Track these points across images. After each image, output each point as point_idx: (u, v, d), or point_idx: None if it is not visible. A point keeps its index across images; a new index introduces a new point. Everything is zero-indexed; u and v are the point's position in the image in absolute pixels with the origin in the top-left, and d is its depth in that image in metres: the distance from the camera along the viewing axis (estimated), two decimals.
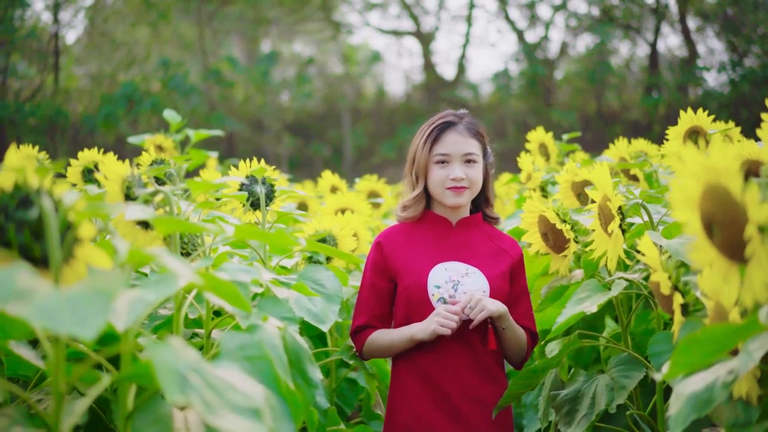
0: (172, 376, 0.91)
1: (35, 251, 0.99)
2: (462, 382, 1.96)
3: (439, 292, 1.95)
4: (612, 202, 1.81)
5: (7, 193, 1.01)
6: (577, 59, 17.01)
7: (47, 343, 0.99)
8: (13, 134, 14.17)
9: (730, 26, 14.94)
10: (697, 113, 2.48)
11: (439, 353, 1.96)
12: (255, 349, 1.23)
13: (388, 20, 19.57)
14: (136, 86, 13.92)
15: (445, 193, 2.00)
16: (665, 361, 1.73)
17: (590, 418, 1.96)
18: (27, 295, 0.87)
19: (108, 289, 0.88)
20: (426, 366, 1.97)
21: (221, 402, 0.95)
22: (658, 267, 1.46)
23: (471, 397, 1.96)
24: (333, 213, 2.74)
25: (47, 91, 14.83)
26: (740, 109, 14.45)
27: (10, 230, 0.99)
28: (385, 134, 16.17)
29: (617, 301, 2.10)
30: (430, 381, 1.96)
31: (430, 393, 1.96)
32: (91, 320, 0.83)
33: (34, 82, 14.91)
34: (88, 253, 1.03)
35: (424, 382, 1.97)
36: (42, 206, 0.99)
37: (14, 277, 0.89)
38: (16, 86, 14.72)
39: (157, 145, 3.64)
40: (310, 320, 1.83)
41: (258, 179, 2.03)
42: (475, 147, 2.01)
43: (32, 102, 14.24)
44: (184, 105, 14.03)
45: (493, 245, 2.04)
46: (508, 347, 2.02)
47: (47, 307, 0.86)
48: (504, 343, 2.01)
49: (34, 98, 14.44)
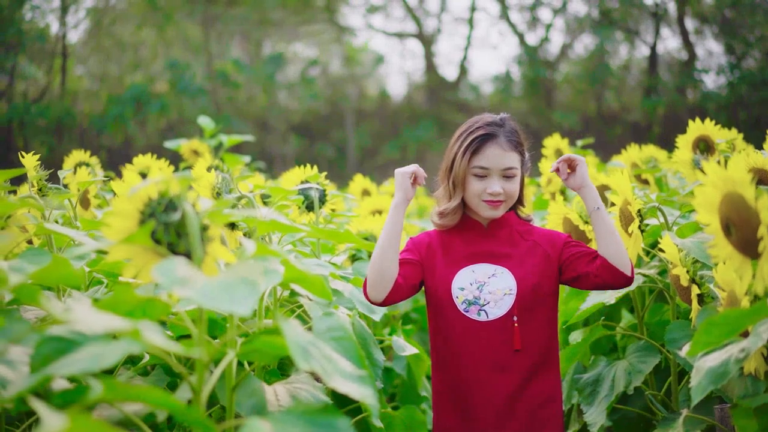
0: (299, 349, 1.14)
1: (180, 247, 1.22)
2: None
3: (464, 294, 1.91)
4: (632, 206, 2.03)
5: (154, 200, 1.23)
6: (578, 61, 17.24)
7: (191, 324, 1.22)
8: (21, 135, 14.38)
9: (729, 28, 15.17)
10: (705, 122, 2.68)
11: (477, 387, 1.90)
12: (341, 331, 1.45)
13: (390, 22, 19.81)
14: (144, 88, 14.12)
15: (481, 205, 1.94)
16: (681, 346, 1.97)
17: (610, 399, 2.19)
18: (187, 282, 1.09)
19: (252, 277, 1.11)
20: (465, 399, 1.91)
21: (335, 369, 1.18)
22: (678, 263, 1.69)
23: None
24: (367, 214, 2.97)
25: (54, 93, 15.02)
26: (738, 111, 14.67)
27: (160, 231, 1.21)
28: (389, 134, 16.39)
29: (634, 294, 2.32)
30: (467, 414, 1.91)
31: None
32: (244, 301, 1.06)
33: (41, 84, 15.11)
34: (216, 249, 1.25)
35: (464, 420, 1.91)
36: (185, 211, 1.21)
37: (175, 268, 1.11)
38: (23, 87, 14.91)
39: (192, 150, 3.86)
40: (363, 310, 2.06)
41: (312, 184, 2.26)
42: (515, 160, 1.94)
43: (40, 103, 14.43)
44: (191, 106, 14.24)
45: (525, 242, 1.96)
46: (604, 239, 1.88)
47: (206, 291, 1.08)
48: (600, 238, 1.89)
49: (42, 99, 14.63)
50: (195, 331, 1.21)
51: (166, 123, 14.99)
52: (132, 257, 1.21)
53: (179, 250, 1.22)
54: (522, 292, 1.88)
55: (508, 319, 1.87)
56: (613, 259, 1.85)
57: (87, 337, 1.13)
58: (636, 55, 17.03)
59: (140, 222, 1.23)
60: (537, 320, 1.90)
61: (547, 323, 1.92)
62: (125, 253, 1.20)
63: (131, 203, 1.22)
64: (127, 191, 1.21)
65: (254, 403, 1.52)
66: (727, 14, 15.43)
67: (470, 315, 1.90)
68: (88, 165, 3.07)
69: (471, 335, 1.89)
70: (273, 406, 1.54)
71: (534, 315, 1.89)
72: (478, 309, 1.89)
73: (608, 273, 1.85)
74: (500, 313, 1.88)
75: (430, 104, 17.03)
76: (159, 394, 0.98)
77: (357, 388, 1.17)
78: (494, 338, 1.88)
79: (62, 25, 15.27)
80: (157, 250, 1.21)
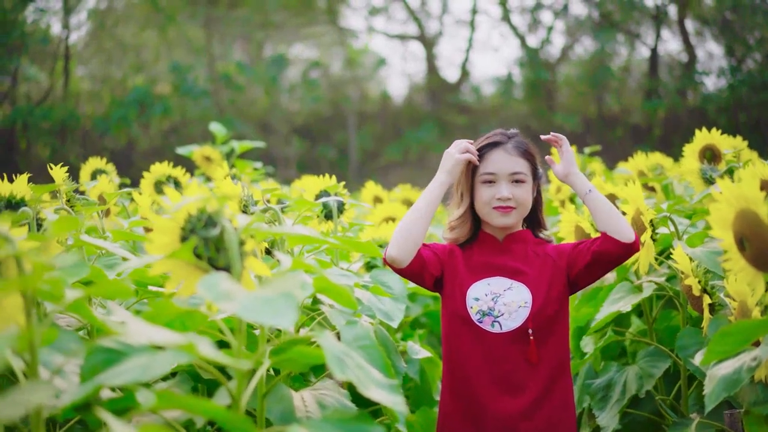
0: (336, 360, 1.19)
1: (219, 262, 1.27)
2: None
3: (478, 304, 1.89)
4: (645, 216, 2.09)
5: (194, 216, 1.29)
6: (578, 63, 17.31)
7: (230, 335, 1.27)
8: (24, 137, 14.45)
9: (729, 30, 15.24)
10: (711, 131, 2.73)
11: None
12: (367, 339, 1.51)
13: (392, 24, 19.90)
14: (147, 90, 14.19)
15: (492, 213, 1.92)
16: (691, 352, 2.03)
17: (622, 403, 2.25)
18: (230, 296, 1.15)
19: (290, 291, 1.17)
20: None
21: (369, 378, 1.24)
22: (690, 273, 1.75)
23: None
24: (380, 221, 3.03)
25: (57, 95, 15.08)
26: (738, 113, 14.74)
27: (200, 246, 1.27)
28: (390, 136, 16.46)
29: (643, 301, 2.38)
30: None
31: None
32: (286, 314, 1.11)
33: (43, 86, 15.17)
34: (252, 263, 1.31)
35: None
36: (224, 226, 1.27)
37: (219, 283, 1.16)
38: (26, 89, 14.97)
39: (205, 157, 3.92)
40: (381, 317, 2.11)
41: (331, 194, 2.32)
42: (523, 166, 1.93)
43: (43, 105, 14.50)
44: (194, 108, 14.30)
45: (538, 258, 1.94)
46: (601, 215, 1.88)
47: (248, 305, 1.13)
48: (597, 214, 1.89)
49: (45, 101, 14.69)
50: (234, 342, 1.26)
51: (169, 125, 15.05)
52: (173, 271, 1.27)
53: (218, 265, 1.27)
54: (537, 306, 1.86)
55: (523, 331, 1.85)
56: (614, 232, 1.84)
57: (133, 348, 1.19)
58: (636, 57, 17.10)
59: (181, 238, 1.28)
60: (552, 334, 1.87)
61: (562, 336, 1.90)
62: (167, 267, 1.25)
63: (172, 220, 1.28)
64: (170, 207, 1.26)
65: (283, 409, 1.58)
66: (727, 16, 15.50)
67: (483, 326, 1.88)
68: (105, 172, 3.12)
69: (483, 346, 1.87)
70: (301, 412, 1.60)
71: (549, 328, 1.87)
72: (492, 320, 1.87)
73: (611, 243, 1.84)
74: (514, 325, 1.85)
75: (431, 106, 17.09)
76: (208, 405, 1.03)
77: (389, 396, 1.22)
78: (506, 351, 1.85)
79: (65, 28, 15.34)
80: (198, 264, 1.26)
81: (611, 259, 1.86)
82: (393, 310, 2.18)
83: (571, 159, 1.98)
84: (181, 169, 3.02)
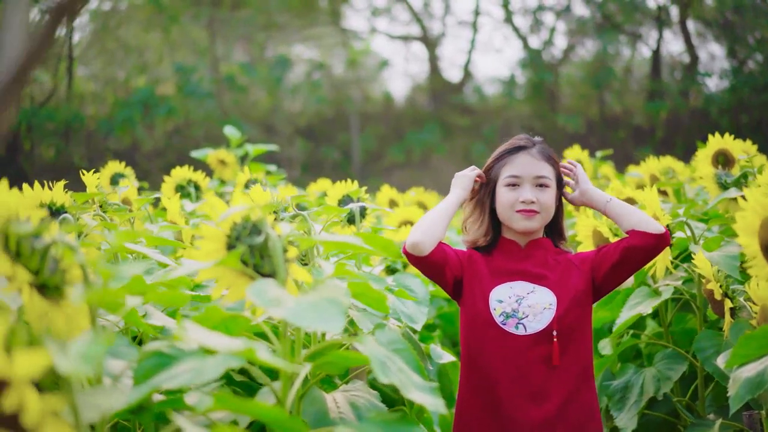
0: (380, 364, 1.24)
1: (264, 269, 1.32)
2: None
3: (502, 306, 1.87)
4: (661, 221, 2.13)
5: (239, 224, 1.33)
6: (581, 64, 17.36)
7: (275, 339, 1.32)
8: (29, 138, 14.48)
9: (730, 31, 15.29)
10: (724, 137, 2.78)
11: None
12: (401, 343, 1.56)
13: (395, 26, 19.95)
14: (152, 91, 14.23)
15: (514, 217, 1.91)
16: (709, 354, 2.07)
17: (639, 405, 2.29)
18: (279, 302, 1.19)
19: (338, 297, 1.21)
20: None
21: (410, 382, 1.28)
22: (712, 278, 1.80)
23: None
24: (397, 225, 3.07)
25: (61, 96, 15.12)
26: (740, 115, 14.79)
27: (246, 253, 1.31)
28: (393, 138, 16.49)
29: (660, 304, 2.43)
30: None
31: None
32: (334, 320, 1.16)
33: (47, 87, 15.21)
34: (295, 270, 1.35)
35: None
36: (269, 234, 1.31)
37: (267, 290, 1.21)
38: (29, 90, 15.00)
39: (219, 160, 3.96)
40: (405, 320, 2.15)
41: (353, 199, 2.36)
42: (548, 171, 1.92)
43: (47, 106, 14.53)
44: (198, 109, 14.35)
45: (559, 264, 1.93)
46: (623, 218, 1.90)
47: (296, 311, 1.18)
48: (618, 218, 1.91)
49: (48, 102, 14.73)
50: (279, 347, 1.31)
51: (172, 126, 15.09)
52: (220, 277, 1.31)
53: (263, 271, 1.32)
54: (563, 308, 1.84)
55: (547, 334, 1.82)
56: (640, 226, 1.84)
57: (183, 352, 1.23)
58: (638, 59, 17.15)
59: (227, 245, 1.33)
60: (575, 339, 1.85)
61: (585, 342, 1.88)
62: (215, 274, 1.30)
63: (218, 228, 1.32)
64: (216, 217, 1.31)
65: (317, 411, 1.62)
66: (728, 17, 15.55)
67: (507, 328, 1.86)
68: (124, 176, 3.16)
69: (506, 348, 1.84)
70: (334, 413, 1.64)
71: (573, 333, 1.85)
72: (516, 322, 1.85)
73: (641, 237, 1.83)
74: (539, 327, 1.83)
75: (434, 107, 17.13)
76: (263, 407, 1.08)
77: (430, 399, 1.26)
78: (531, 353, 1.83)
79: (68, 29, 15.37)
80: (244, 271, 1.31)
81: (643, 254, 1.85)
82: (416, 313, 2.22)
83: (584, 177, 2.00)
84: (202, 173, 3.06)
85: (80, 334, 0.99)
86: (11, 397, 0.69)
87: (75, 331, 0.98)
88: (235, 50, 17.15)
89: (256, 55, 17.35)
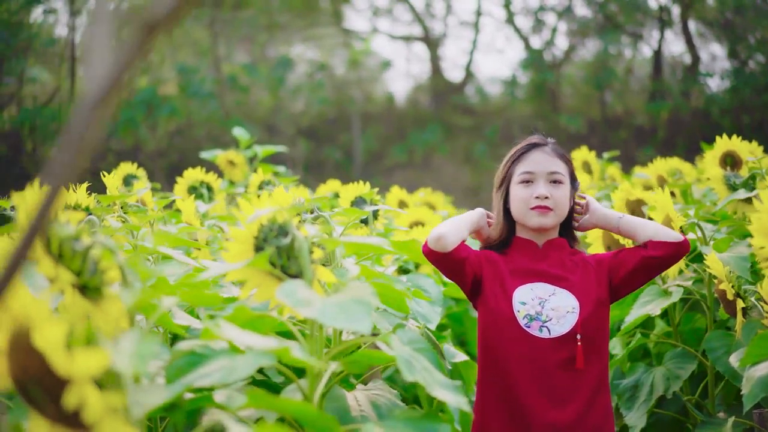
0: (405, 363, 1.27)
1: (291, 270, 1.35)
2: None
3: (525, 308, 1.85)
4: (675, 222, 2.16)
5: (266, 226, 1.37)
6: (582, 65, 17.39)
7: (301, 338, 1.35)
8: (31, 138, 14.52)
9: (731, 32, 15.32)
10: (732, 138, 2.81)
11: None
12: (422, 343, 1.59)
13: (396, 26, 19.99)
14: (154, 91, 14.26)
15: (529, 214, 1.90)
16: (719, 354, 2.11)
17: (649, 403, 2.32)
18: (308, 302, 1.22)
19: (365, 298, 1.24)
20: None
21: (434, 380, 1.31)
22: (724, 278, 1.83)
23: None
24: (407, 226, 3.10)
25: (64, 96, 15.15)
26: (742, 115, 14.83)
27: (273, 254, 1.34)
28: (395, 138, 16.53)
29: (670, 304, 2.46)
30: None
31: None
32: (362, 320, 1.19)
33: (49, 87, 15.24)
34: (320, 271, 1.38)
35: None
36: (295, 236, 1.34)
37: (296, 290, 1.24)
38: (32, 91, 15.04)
39: (228, 161, 3.99)
40: (420, 320, 2.19)
41: (365, 200, 2.39)
42: (562, 168, 1.93)
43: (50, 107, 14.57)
44: (200, 110, 14.38)
45: (575, 265, 1.93)
46: (639, 232, 1.91)
47: (325, 311, 1.21)
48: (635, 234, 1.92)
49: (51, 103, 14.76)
50: (306, 345, 1.34)
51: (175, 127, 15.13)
52: (249, 278, 1.34)
53: (290, 272, 1.35)
54: (586, 312, 1.83)
55: (571, 337, 1.81)
56: (658, 237, 1.85)
57: (214, 351, 1.26)
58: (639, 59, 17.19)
59: (255, 246, 1.36)
60: (595, 341, 1.84)
61: (603, 344, 1.87)
62: (244, 275, 1.33)
63: (246, 230, 1.36)
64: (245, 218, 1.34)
65: (339, 408, 1.65)
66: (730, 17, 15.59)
67: (531, 331, 1.83)
68: (137, 178, 3.19)
69: (529, 351, 1.82)
70: (355, 411, 1.67)
71: (594, 335, 1.83)
72: (540, 325, 1.83)
73: (662, 247, 1.84)
74: (563, 330, 1.81)
75: (435, 108, 17.17)
76: (297, 404, 1.11)
77: (454, 396, 1.30)
78: (554, 356, 1.80)
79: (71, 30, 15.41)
80: (272, 272, 1.34)
81: (663, 263, 1.86)
82: (430, 313, 2.25)
83: (593, 200, 2.01)
84: (214, 174, 3.09)
85: (120, 334, 1.03)
86: (73, 395, 0.72)
87: (116, 331, 1.01)
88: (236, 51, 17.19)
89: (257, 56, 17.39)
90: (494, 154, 13.91)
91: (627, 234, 1.93)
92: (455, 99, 17.04)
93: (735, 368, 1.86)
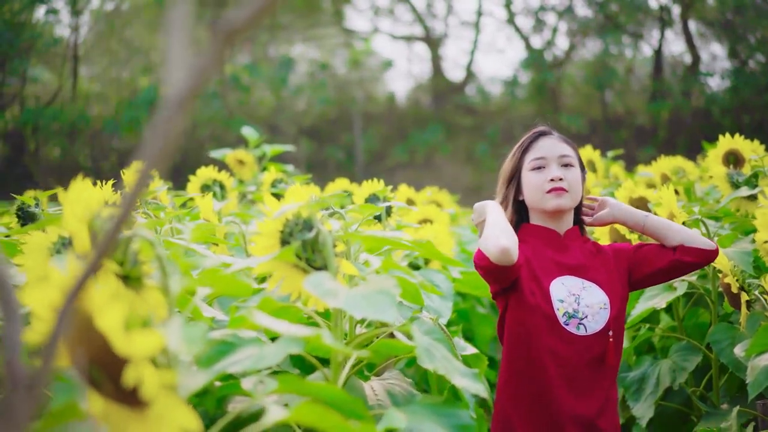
0: (425, 352, 1.33)
1: (316, 263, 1.41)
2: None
3: (564, 306, 1.82)
4: (678, 218, 2.22)
5: (291, 221, 1.42)
6: (583, 65, 17.46)
7: (325, 327, 1.41)
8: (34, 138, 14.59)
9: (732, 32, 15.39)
10: (734, 137, 2.87)
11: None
12: (438, 333, 1.65)
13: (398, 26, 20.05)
14: (157, 91, 14.33)
15: (545, 198, 1.87)
16: (724, 346, 2.17)
17: (656, 395, 2.38)
18: (335, 293, 1.28)
19: (389, 289, 1.30)
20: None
21: (453, 368, 1.37)
22: (729, 272, 1.89)
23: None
24: (417, 222, 3.16)
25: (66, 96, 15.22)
26: (742, 115, 14.90)
27: (299, 248, 1.40)
28: (396, 138, 16.60)
29: (675, 298, 2.52)
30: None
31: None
32: (388, 310, 1.25)
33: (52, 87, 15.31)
34: (343, 264, 1.44)
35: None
36: (320, 230, 1.40)
37: (323, 282, 1.30)
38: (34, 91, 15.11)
39: (238, 160, 4.05)
40: (432, 313, 2.25)
41: (379, 197, 2.45)
42: (571, 152, 1.92)
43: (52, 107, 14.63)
44: (203, 110, 14.45)
45: (594, 255, 1.92)
46: (662, 234, 1.89)
47: (351, 302, 1.27)
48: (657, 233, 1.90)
49: (54, 103, 14.83)
50: (330, 335, 1.39)
51: None
52: (274, 271, 1.40)
53: (315, 265, 1.41)
54: (616, 308, 1.83)
55: (604, 334, 1.80)
56: (692, 243, 1.83)
57: (243, 340, 1.32)
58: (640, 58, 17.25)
59: (281, 240, 1.42)
60: (621, 334, 1.85)
61: (621, 338, 1.86)
62: (271, 267, 1.39)
63: (273, 224, 1.41)
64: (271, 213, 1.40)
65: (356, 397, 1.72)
66: (730, 17, 15.65)
67: (570, 329, 1.80)
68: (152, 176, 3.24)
69: (567, 348, 1.80)
70: (372, 400, 1.73)
71: (620, 329, 1.84)
72: (577, 322, 1.80)
73: (693, 254, 1.82)
74: (597, 327, 1.80)
75: (436, 107, 17.23)
76: (329, 388, 1.17)
77: (474, 384, 1.35)
78: (588, 353, 1.80)
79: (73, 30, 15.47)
80: (297, 264, 1.40)
81: (692, 268, 1.85)
82: (442, 307, 2.32)
83: (610, 198, 2.01)
84: (226, 173, 3.15)
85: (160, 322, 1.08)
86: (132, 373, 0.78)
87: (156, 320, 1.07)
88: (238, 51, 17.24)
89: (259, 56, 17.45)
90: (495, 154, 13.98)
91: (653, 234, 1.90)
92: (456, 99, 17.11)
93: (739, 359, 1.92)
